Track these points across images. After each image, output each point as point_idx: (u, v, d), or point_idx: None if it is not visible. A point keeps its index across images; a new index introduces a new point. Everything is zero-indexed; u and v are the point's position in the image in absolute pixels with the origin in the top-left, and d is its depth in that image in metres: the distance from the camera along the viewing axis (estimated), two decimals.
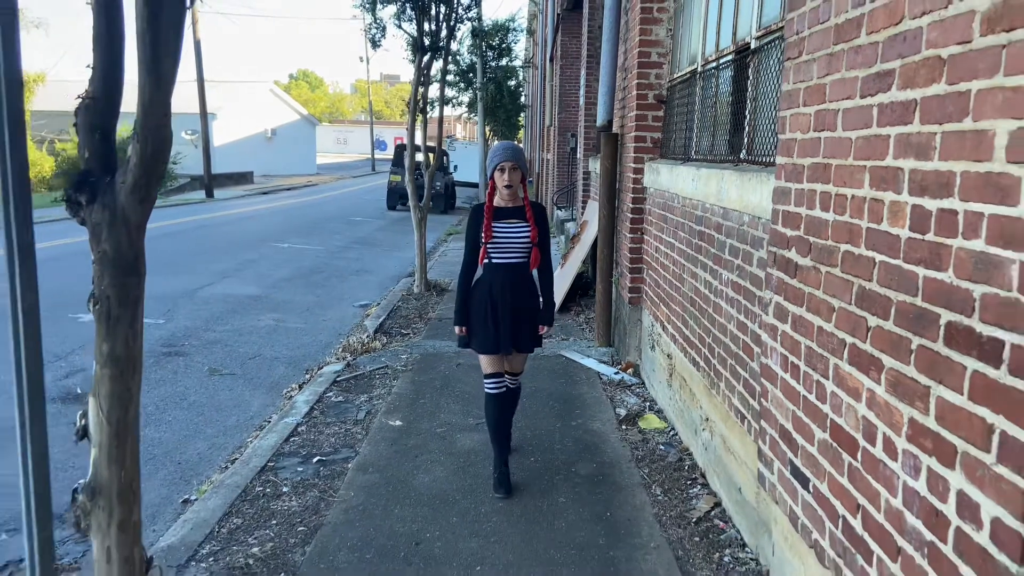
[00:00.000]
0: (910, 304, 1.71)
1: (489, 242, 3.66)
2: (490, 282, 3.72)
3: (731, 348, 3.46)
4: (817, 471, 2.23)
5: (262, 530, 3.42)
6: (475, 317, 3.76)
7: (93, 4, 1.93)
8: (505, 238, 3.68)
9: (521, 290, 3.75)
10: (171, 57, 2.01)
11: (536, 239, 3.71)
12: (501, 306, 3.70)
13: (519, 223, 3.70)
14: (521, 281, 3.75)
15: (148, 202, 2.11)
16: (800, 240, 2.37)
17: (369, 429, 4.68)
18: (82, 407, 2.36)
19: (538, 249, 3.73)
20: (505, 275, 3.71)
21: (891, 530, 1.79)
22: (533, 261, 3.75)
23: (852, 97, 2.02)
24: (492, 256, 3.70)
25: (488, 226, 3.66)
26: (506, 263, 3.72)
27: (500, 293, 3.70)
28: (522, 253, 3.72)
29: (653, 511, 3.64)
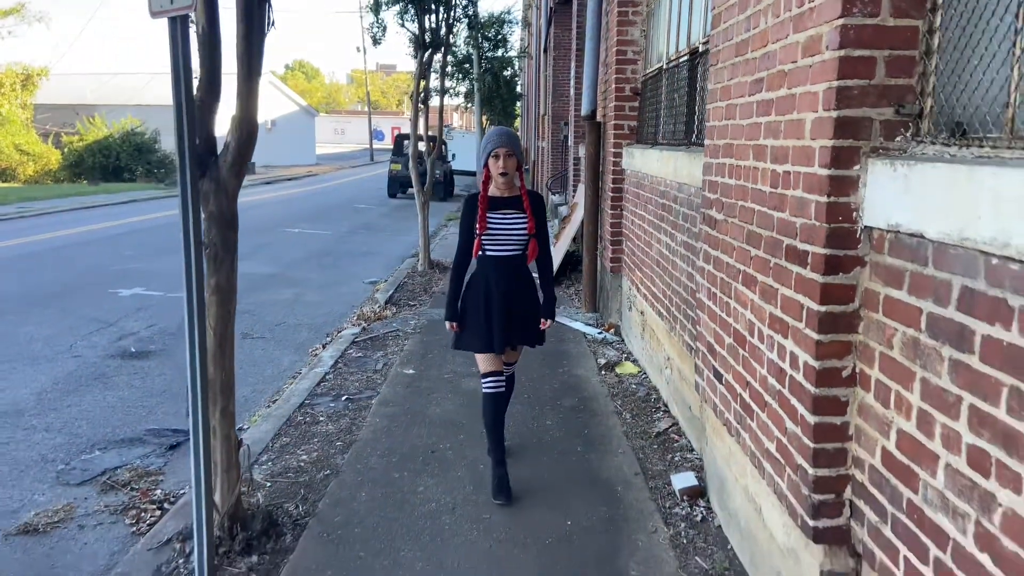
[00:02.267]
0: (770, 236, 2.53)
1: (484, 233, 3.48)
2: (485, 276, 3.55)
3: (683, 295, 4.29)
4: (727, 367, 3.07)
5: (307, 445, 4.25)
6: (470, 314, 3.59)
7: (199, 36, 2.73)
8: (501, 229, 3.50)
9: (518, 284, 3.58)
10: (257, 72, 2.83)
11: (534, 230, 3.52)
12: (497, 301, 3.52)
13: (516, 213, 3.51)
14: (518, 274, 3.57)
15: (241, 176, 2.94)
16: (716, 201, 3.19)
17: (387, 376, 5.52)
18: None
19: (536, 241, 3.54)
20: (501, 268, 3.53)
21: (762, 391, 2.63)
22: (531, 253, 3.56)
23: (743, 96, 2.84)
24: (487, 248, 3.52)
25: (483, 217, 3.47)
26: (502, 255, 3.53)
27: (496, 287, 3.52)
28: (519, 245, 3.54)
29: (622, 429, 4.49)
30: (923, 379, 1.81)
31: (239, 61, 2.75)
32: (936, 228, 1.72)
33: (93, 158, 31.43)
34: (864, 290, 2.11)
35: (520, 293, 3.59)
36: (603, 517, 3.42)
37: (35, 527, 3.43)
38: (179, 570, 2.95)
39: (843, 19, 2.01)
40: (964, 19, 1.84)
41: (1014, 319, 1.48)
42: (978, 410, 1.60)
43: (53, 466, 4.07)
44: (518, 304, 3.58)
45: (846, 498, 2.21)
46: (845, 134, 2.06)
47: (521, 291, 3.59)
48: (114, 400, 5.09)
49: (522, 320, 3.61)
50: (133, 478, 3.95)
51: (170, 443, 4.45)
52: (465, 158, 28.52)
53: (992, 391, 1.55)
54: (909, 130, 2.03)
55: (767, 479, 2.60)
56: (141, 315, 7.41)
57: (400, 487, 3.69)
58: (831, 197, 2.10)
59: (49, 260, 10.70)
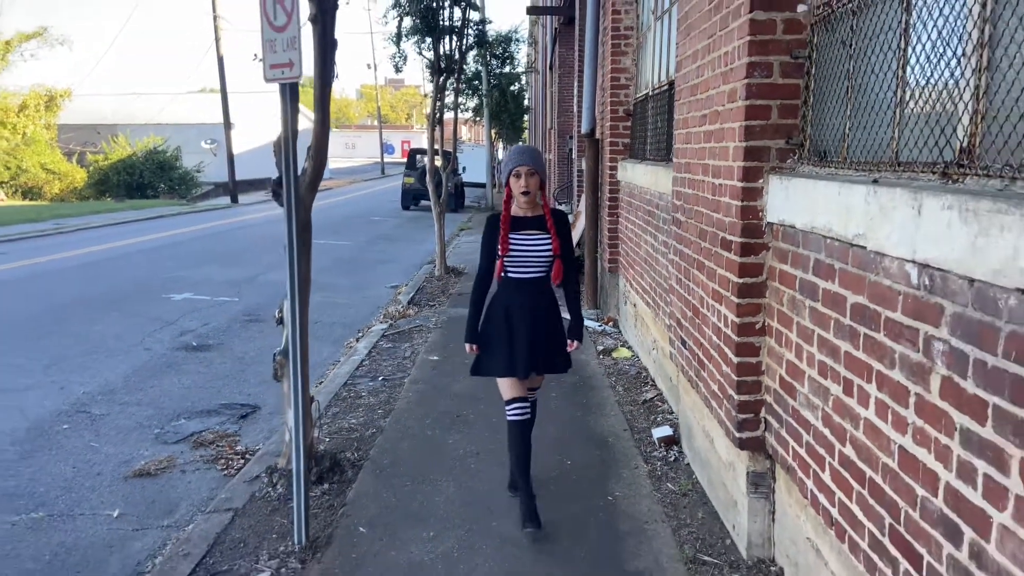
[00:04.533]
0: (711, 231, 3.42)
1: (506, 255, 3.36)
2: (507, 299, 3.44)
3: (664, 286, 5.18)
4: (688, 335, 3.95)
5: (354, 412, 5.16)
6: (493, 338, 3.47)
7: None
8: (523, 250, 3.37)
9: (542, 307, 3.46)
10: (327, 109, 3.75)
11: (559, 251, 3.39)
12: (520, 326, 3.41)
13: (539, 234, 3.38)
14: (542, 297, 3.45)
15: (314, 193, 3.85)
16: (681, 206, 4.09)
17: (415, 362, 6.43)
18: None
19: (561, 262, 3.40)
20: (524, 291, 3.41)
21: (709, 348, 3.50)
22: (555, 275, 3.41)
23: (695, 126, 3.73)
24: (509, 271, 3.39)
25: (504, 239, 3.34)
26: (525, 278, 3.41)
27: (519, 311, 3.42)
28: (542, 267, 3.40)
29: (615, 399, 5.37)
30: (797, 322, 2.70)
31: (315, 106, 3.67)
32: (801, 221, 2.61)
33: (118, 176, 32.65)
34: (768, 267, 3.00)
35: (544, 316, 3.46)
36: (596, 459, 4.30)
37: (147, 471, 4.35)
38: (269, 494, 3.86)
39: (747, 80, 2.91)
40: (823, 81, 2.73)
41: (836, 275, 2.37)
42: (821, 336, 2.49)
43: (150, 430, 5.00)
44: (542, 328, 3.45)
45: (761, 416, 3.09)
46: (752, 158, 2.96)
47: (545, 314, 3.47)
48: (187, 383, 6.02)
49: (546, 345, 3.48)
50: (216, 439, 4.86)
51: (240, 414, 5.36)
52: (474, 171, 29.46)
53: (827, 323, 2.44)
54: (795, 155, 2.92)
55: (714, 413, 3.48)
56: (194, 316, 8.36)
57: (433, 440, 4.59)
58: (745, 201, 3.00)
59: (101, 270, 11.70)
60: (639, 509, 3.70)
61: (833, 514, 2.43)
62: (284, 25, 2.99)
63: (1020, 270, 1.47)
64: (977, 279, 1.62)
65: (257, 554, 3.30)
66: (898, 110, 2.19)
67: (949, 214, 1.70)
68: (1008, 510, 1.54)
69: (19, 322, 7.97)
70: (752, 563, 3.14)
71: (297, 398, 3.38)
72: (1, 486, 4.15)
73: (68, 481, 4.22)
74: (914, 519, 1.92)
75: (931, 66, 2.01)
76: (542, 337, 3.47)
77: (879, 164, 2.27)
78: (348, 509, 3.71)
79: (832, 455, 2.43)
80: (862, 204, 2.13)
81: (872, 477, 2.15)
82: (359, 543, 3.37)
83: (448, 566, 3.18)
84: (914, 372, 1.90)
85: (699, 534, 3.44)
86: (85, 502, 3.98)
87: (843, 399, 2.34)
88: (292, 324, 3.36)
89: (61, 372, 6.20)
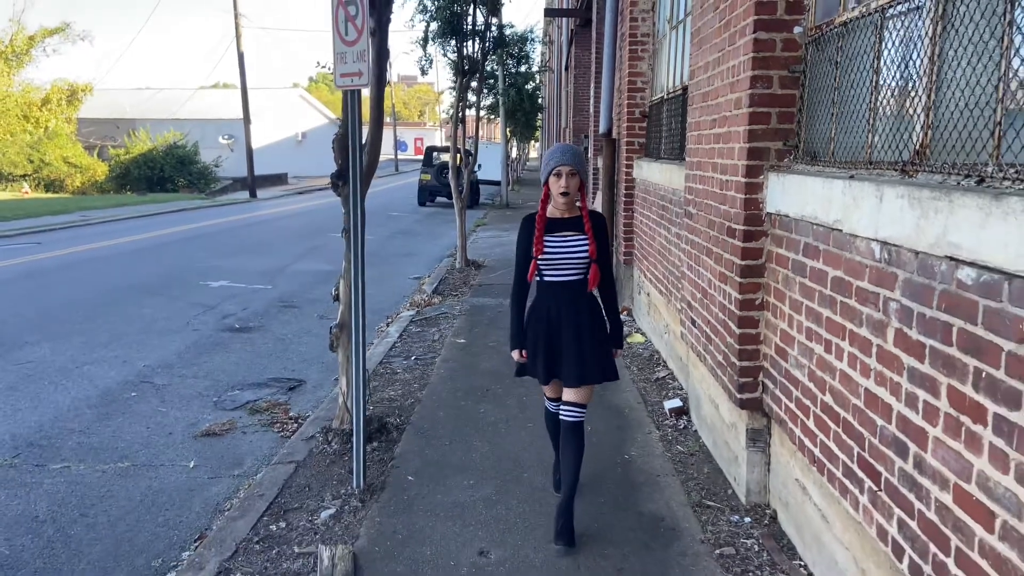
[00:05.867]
0: (719, 221, 3.91)
1: (540, 257, 3.28)
2: (547, 304, 3.35)
3: (676, 273, 5.67)
4: (698, 315, 4.45)
5: (392, 387, 5.68)
6: (530, 342, 3.41)
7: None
8: (559, 253, 3.27)
9: (582, 312, 3.34)
10: (382, 110, 4.26)
11: (595, 255, 3.28)
12: (562, 332, 3.33)
13: (576, 236, 3.28)
14: (580, 302, 3.33)
15: (368, 185, 4.36)
16: (692, 200, 4.58)
17: (444, 344, 6.94)
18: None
19: (597, 266, 3.29)
20: (561, 296, 3.32)
21: (715, 324, 4.00)
22: (592, 280, 3.30)
23: (706, 129, 4.22)
24: (544, 274, 3.32)
25: (539, 239, 3.26)
26: (561, 281, 3.32)
27: (557, 316, 3.32)
28: (579, 270, 3.29)
29: (630, 377, 5.87)
30: (789, 296, 3.19)
31: (372, 107, 4.19)
32: (793, 211, 3.10)
33: (139, 170, 33.34)
34: (766, 251, 3.49)
35: (584, 322, 3.34)
36: (613, 426, 4.80)
37: (213, 432, 4.89)
38: (325, 450, 4.38)
39: (751, 90, 3.40)
40: (815, 93, 3.22)
41: (820, 255, 2.86)
42: (808, 306, 2.98)
43: (209, 399, 5.54)
44: (583, 334, 3.33)
45: (759, 380, 3.58)
46: (755, 157, 3.45)
47: (585, 320, 3.35)
48: (236, 359, 6.56)
49: (588, 353, 3.34)
50: (269, 407, 5.39)
51: (288, 387, 5.89)
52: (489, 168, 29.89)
53: (812, 295, 2.93)
54: (791, 155, 3.41)
55: (719, 381, 3.98)
56: (234, 301, 8.92)
57: (466, 409, 5.10)
58: (748, 195, 3.49)
59: (138, 259, 12.30)
60: (652, 466, 4.20)
61: (816, 453, 2.93)
62: (355, 40, 3.50)
63: (948, 243, 1.96)
64: (920, 251, 2.11)
65: (322, 495, 3.82)
66: (872, 119, 2.68)
67: (902, 202, 2.19)
68: (939, 425, 2.04)
69: (74, 304, 8.55)
70: (749, 507, 3.63)
71: (358, 359, 3.90)
72: (86, 442, 4.69)
73: (144, 439, 4.76)
74: (875, 444, 2.41)
75: (896, 84, 2.50)
76: (585, 344, 3.32)
77: (856, 163, 2.76)
78: (396, 462, 4.22)
79: (815, 404, 2.92)
80: (840, 196, 2.62)
81: (845, 417, 2.64)
82: (409, 488, 3.89)
83: (488, 507, 3.69)
84: (876, 327, 2.40)
85: (704, 485, 3.94)
86: (163, 455, 4.52)
87: (824, 356, 2.83)
88: (355, 292, 3.87)
89: (121, 348, 6.76)
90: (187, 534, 3.64)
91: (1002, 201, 1.73)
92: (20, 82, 35.83)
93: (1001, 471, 1.77)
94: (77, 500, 3.93)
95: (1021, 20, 1.86)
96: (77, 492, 4.02)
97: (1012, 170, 1.85)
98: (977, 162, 2.01)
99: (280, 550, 3.31)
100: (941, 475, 2.03)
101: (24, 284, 9.95)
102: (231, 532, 3.47)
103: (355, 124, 3.71)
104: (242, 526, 3.52)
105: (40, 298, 8.95)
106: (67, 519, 3.74)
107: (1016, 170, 1.83)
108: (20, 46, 35.07)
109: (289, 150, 47.21)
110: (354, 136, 3.71)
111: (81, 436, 4.77)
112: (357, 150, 3.70)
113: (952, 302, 1.97)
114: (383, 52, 4.16)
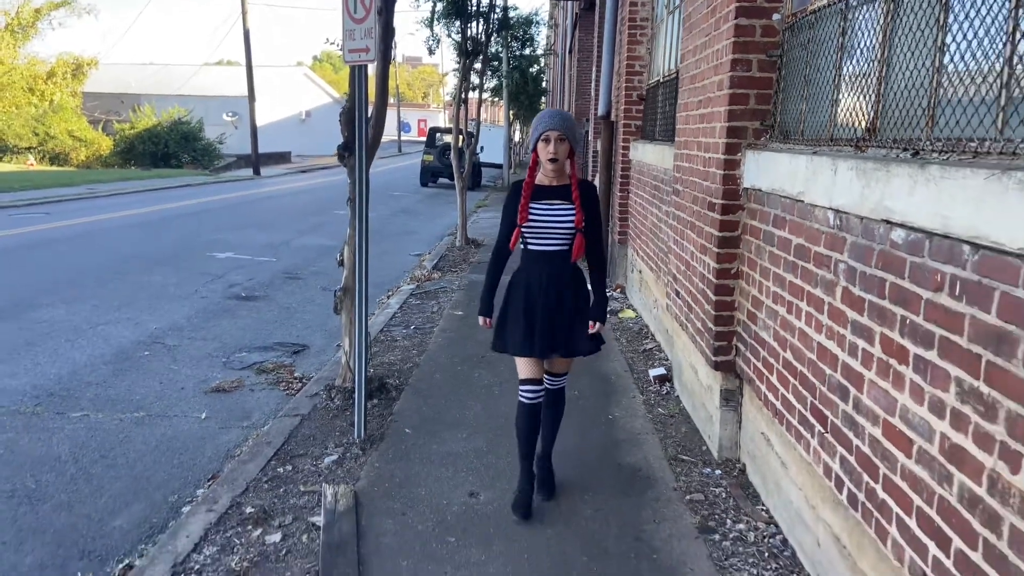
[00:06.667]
0: (701, 196, 4.17)
1: (525, 225, 3.19)
2: (529, 273, 3.26)
3: (665, 248, 5.93)
4: (681, 286, 4.72)
5: (392, 352, 5.96)
6: (511, 313, 3.32)
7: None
8: (544, 221, 3.18)
9: (564, 283, 3.25)
10: (387, 86, 4.50)
11: (581, 224, 3.18)
12: (540, 302, 3.23)
13: (563, 204, 3.19)
14: (563, 273, 3.24)
15: (373, 156, 4.61)
16: (679, 178, 4.83)
17: (442, 315, 7.22)
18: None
19: (583, 236, 3.20)
20: (544, 265, 3.23)
21: (696, 293, 4.27)
22: (575, 250, 3.21)
23: (693, 109, 4.47)
24: (528, 242, 3.24)
25: (525, 206, 3.18)
26: (545, 251, 3.23)
27: (539, 287, 3.23)
28: (564, 240, 3.21)
29: (619, 348, 6.15)
30: (760, 265, 3.46)
31: (377, 84, 4.44)
32: (765, 185, 3.36)
33: (143, 145, 33.48)
34: (742, 223, 3.75)
35: (567, 294, 3.26)
36: (600, 391, 5.09)
37: (222, 388, 5.17)
38: (328, 406, 4.67)
39: (732, 73, 3.64)
40: (790, 77, 3.47)
41: (786, 225, 3.13)
42: (775, 272, 3.25)
43: (218, 359, 5.82)
44: (565, 306, 3.25)
45: (733, 344, 3.86)
46: (734, 136, 3.70)
47: (568, 291, 3.26)
48: (242, 324, 6.85)
49: (568, 325, 3.27)
50: (275, 367, 5.68)
51: (292, 350, 6.18)
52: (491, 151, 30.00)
53: (779, 261, 3.20)
54: (767, 135, 3.67)
55: (697, 347, 4.25)
56: (239, 272, 9.19)
57: (462, 374, 5.39)
58: (726, 171, 3.75)
59: (147, 231, 12.57)
60: (634, 425, 4.48)
61: (778, 406, 3.21)
62: (363, 18, 3.75)
63: (884, 207, 2.22)
64: (863, 216, 2.38)
65: (325, 444, 4.11)
66: (834, 101, 2.93)
67: (851, 173, 2.45)
68: (873, 368, 2.31)
69: (85, 271, 8.83)
70: (721, 461, 3.92)
71: (360, 319, 4.17)
72: (103, 394, 4.98)
73: (158, 392, 5.05)
74: (823, 392, 2.69)
75: (854, 69, 2.76)
76: (564, 316, 3.25)
77: (820, 140, 3.02)
78: (395, 418, 4.51)
79: (778, 361, 3.20)
80: (803, 170, 2.88)
81: (801, 370, 2.92)
82: (406, 440, 4.18)
83: (479, 456, 3.98)
84: (828, 287, 2.67)
85: (681, 442, 4.23)
86: (176, 407, 4.81)
87: (786, 317, 3.10)
88: (359, 256, 4.14)
89: (132, 311, 7.05)
90: (200, 475, 3.93)
91: (926, 168, 1.99)
92: (26, 55, 35.93)
93: (918, 403, 2.05)
94: (97, 444, 4.22)
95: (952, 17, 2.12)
96: (96, 437, 4.31)
97: (940, 143, 2.11)
98: (914, 137, 2.27)
99: (287, 488, 3.60)
100: (873, 413, 2.31)
101: (37, 251, 10.23)
102: (242, 473, 3.76)
103: (362, 97, 3.96)
104: (252, 468, 3.82)
105: (52, 264, 9.23)
106: (88, 460, 4.03)
107: (943, 143, 2.09)
108: (26, 18, 35.14)
109: (293, 129, 47.33)
110: (361, 108, 3.96)
111: (98, 388, 5.06)
112: (363, 121, 3.96)
113: (887, 260, 2.24)
114: (389, 30, 4.40)
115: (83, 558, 3.14)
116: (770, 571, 2.96)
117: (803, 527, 2.96)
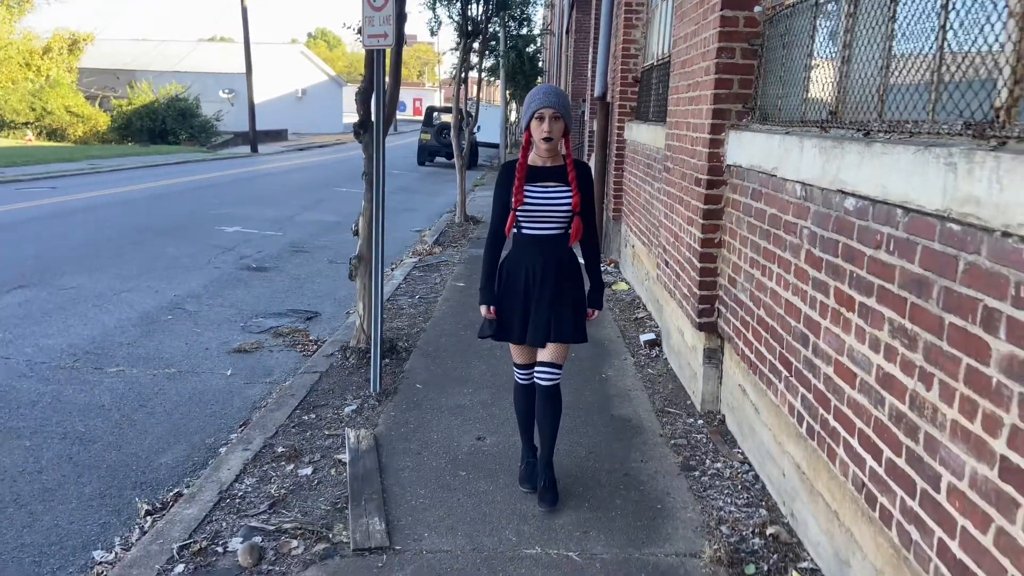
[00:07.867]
0: (689, 172, 4.55)
1: (519, 208, 3.07)
2: (521, 259, 3.15)
3: (655, 223, 6.31)
4: (670, 256, 5.11)
5: (399, 319, 6.35)
6: (504, 299, 3.20)
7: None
8: (540, 204, 3.07)
9: (561, 268, 3.15)
10: (399, 69, 4.85)
11: (579, 207, 3.09)
12: (536, 287, 3.13)
13: (558, 186, 3.08)
14: (560, 257, 3.15)
15: (386, 132, 4.97)
16: (670, 156, 5.21)
17: (445, 286, 7.61)
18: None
19: (580, 219, 3.11)
20: (540, 249, 3.12)
21: (683, 261, 4.66)
22: (574, 233, 3.12)
23: (683, 92, 4.83)
24: (523, 226, 3.12)
25: (519, 188, 3.05)
26: (540, 235, 3.12)
27: (533, 271, 3.12)
28: (560, 223, 3.11)
29: (612, 317, 6.56)
30: (739, 234, 3.86)
31: (391, 66, 4.78)
32: (745, 162, 3.75)
33: (141, 121, 33.51)
34: (725, 197, 4.14)
35: (563, 279, 3.17)
36: (593, 354, 5.50)
37: (243, 349, 5.57)
38: (344, 364, 5.06)
39: (717, 59, 4.01)
40: (769, 64, 3.84)
41: (762, 197, 3.52)
42: (752, 240, 3.65)
43: (236, 324, 6.21)
44: (559, 292, 3.16)
45: (715, 306, 4.27)
46: (718, 117, 4.08)
47: (564, 277, 3.17)
48: (256, 293, 7.22)
49: (561, 311, 3.17)
50: (291, 331, 6.07)
51: (306, 317, 6.57)
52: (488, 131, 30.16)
53: (755, 230, 3.59)
54: (749, 116, 4.04)
55: (684, 311, 4.66)
56: (248, 244, 9.55)
57: (466, 338, 5.79)
58: (711, 149, 4.13)
59: (153, 205, 12.89)
60: (624, 383, 4.90)
61: (752, 359, 3.62)
62: (382, 6, 4.09)
63: (839, 180, 2.61)
64: (823, 187, 2.77)
65: (344, 396, 4.51)
66: (804, 86, 3.31)
67: (815, 150, 2.84)
68: (828, 317, 2.72)
69: (100, 242, 9.18)
70: (704, 413, 4.34)
71: (376, 282, 4.56)
72: (134, 352, 5.37)
73: (185, 352, 5.44)
74: (789, 342, 3.10)
75: (822, 58, 3.13)
76: (562, 301, 3.16)
77: (793, 122, 3.40)
78: (406, 375, 4.92)
79: (753, 319, 3.60)
80: (777, 148, 3.27)
81: (772, 325, 3.33)
82: (417, 393, 4.59)
83: (484, 408, 4.39)
84: (794, 250, 3.07)
85: (668, 397, 4.65)
86: (203, 365, 5.21)
87: (761, 279, 3.50)
88: (375, 225, 4.52)
89: (151, 280, 7.42)
90: (232, 422, 4.33)
91: (871, 146, 2.38)
92: (22, 30, 35.83)
93: (860, 342, 2.46)
94: (135, 395, 4.62)
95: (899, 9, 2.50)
96: (134, 389, 4.70)
97: (886, 124, 2.49)
98: (868, 120, 2.66)
99: (313, 432, 4.01)
100: (827, 354, 2.71)
101: (50, 223, 10.56)
102: (271, 420, 4.16)
103: (380, 79, 4.32)
104: (279, 416, 4.22)
105: (68, 236, 9.57)
106: (129, 408, 4.43)
107: (888, 124, 2.48)
108: None
109: (289, 106, 47.29)
110: (379, 89, 4.32)
111: (129, 348, 5.45)
112: (381, 101, 4.32)
113: (840, 225, 2.63)
114: (401, 16, 4.74)
115: (135, 488, 3.55)
116: (742, 499, 3.38)
117: (771, 462, 3.38)
